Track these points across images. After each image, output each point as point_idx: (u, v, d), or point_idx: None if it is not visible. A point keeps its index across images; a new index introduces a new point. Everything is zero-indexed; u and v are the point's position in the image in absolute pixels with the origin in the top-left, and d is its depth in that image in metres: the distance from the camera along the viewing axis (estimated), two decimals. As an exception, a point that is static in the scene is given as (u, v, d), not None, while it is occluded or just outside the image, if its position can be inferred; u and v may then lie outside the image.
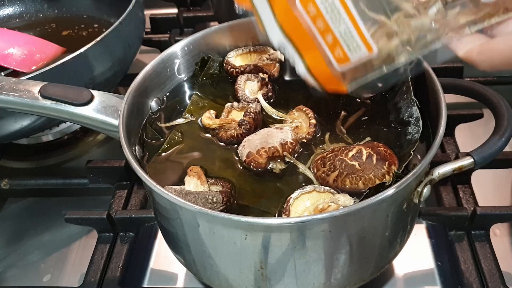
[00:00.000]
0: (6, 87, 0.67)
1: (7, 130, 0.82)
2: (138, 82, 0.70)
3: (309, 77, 0.63)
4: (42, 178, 0.88)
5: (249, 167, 0.63)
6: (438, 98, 0.62)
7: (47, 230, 0.85)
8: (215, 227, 0.55)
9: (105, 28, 0.88)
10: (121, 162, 0.84)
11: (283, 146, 0.63)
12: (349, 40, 0.57)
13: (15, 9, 1.18)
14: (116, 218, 0.77)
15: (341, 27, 0.56)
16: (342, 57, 0.58)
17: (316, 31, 0.58)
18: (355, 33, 0.56)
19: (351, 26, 0.56)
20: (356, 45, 0.57)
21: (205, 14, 1.21)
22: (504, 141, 0.58)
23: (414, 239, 0.75)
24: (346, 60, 0.58)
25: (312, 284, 0.59)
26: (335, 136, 0.67)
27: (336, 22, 0.56)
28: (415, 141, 0.61)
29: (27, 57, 0.97)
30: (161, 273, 0.76)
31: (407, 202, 0.58)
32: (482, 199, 0.78)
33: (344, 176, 0.59)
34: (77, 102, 0.66)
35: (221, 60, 0.79)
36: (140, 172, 0.57)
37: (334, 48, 0.58)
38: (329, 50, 0.59)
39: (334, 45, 0.58)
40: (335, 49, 0.58)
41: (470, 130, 0.89)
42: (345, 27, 0.56)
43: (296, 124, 0.68)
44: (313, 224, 0.53)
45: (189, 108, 0.73)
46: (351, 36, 0.56)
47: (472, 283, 0.68)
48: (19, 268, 0.79)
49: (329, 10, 0.56)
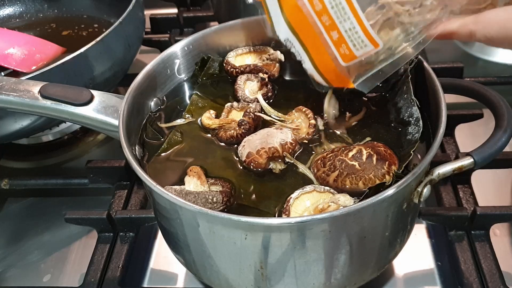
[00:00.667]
0: (6, 87, 0.67)
1: (7, 130, 0.82)
2: (138, 82, 0.70)
3: (316, 73, 0.63)
4: (42, 178, 0.88)
5: (249, 167, 0.63)
6: (438, 98, 0.62)
7: (47, 230, 0.85)
8: (215, 227, 0.55)
9: (105, 28, 0.88)
10: (121, 162, 0.84)
11: (283, 147, 0.63)
12: (354, 36, 0.57)
13: (15, 9, 1.18)
14: (116, 218, 0.77)
15: (346, 23, 0.56)
16: (347, 53, 0.59)
17: (322, 27, 0.58)
18: (360, 30, 0.56)
19: (356, 23, 0.56)
20: (362, 41, 0.57)
21: (205, 14, 1.21)
22: (504, 141, 0.58)
23: (414, 239, 0.75)
24: (352, 57, 0.58)
25: (312, 284, 0.59)
26: (335, 136, 0.67)
27: (341, 18, 0.57)
28: (415, 141, 0.61)
29: (27, 57, 0.97)
30: (161, 273, 0.76)
31: (407, 202, 0.58)
32: (482, 199, 0.77)
33: (344, 176, 0.59)
34: (77, 102, 0.66)
35: (221, 60, 0.79)
36: (140, 172, 0.57)
37: (340, 44, 0.59)
38: (334, 46, 0.59)
39: (339, 42, 0.58)
40: (340, 45, 0.59)
41: (470, 130, 0.89)
42: (350, 24, 0.56)
43: (295, 125, 0.68)
44: (313, 224, 0.53)
45: (189, 108, 0.73)
46: (356, 33, 0.57)
47: (472, 283, 0.68)
48: (19, 268, 0.79)
49: (334, 5, 0.56)
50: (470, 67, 1.02)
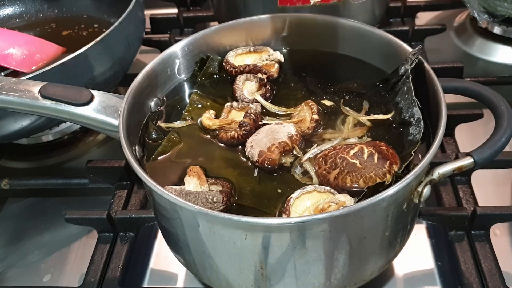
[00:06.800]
0: (6, 87, 0.67)
1: (7, 130, 0.82)
2: (138, 82, 0.70)
3: None
4: (42, 178, 0.88)
5: (263, 166, 0.63)
6: (438, 98, 0.62)
7: (47, 230, 0.84)
8: (215, 227, 0.55)
9: (105, 28, 0.88)
10: (121, 162, 0.84)
11: (291, 139, 0.64)
12: None
13: (15, 9, 1.18)
14: (116, 218, 0.77)
15: None
16: None
17: None
18: None
19: None
20: None
21: (205, 14, 1.21)
22: (504, 141, 0.58)
23: (414, 239, 0.75)
24: None
25: (312, 284, 0.59)
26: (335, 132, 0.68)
27: None
28: (416, 142, 0.61)
29: (27, 57, 0.97)
30: (161, 273, 0.76)
31: (407, 202, 0.58)
32: (482, 199, 0.77)
33: (345, 174, 0.59)
34: (77, 102, 0.66)
35: (220, 60, 0.79)
36: (140, 172, 0.57)
37: None
38: None
39: None
40: None
41: (470, 130, 0.89)
42: None
43: (300, 118, 0.68)
44: (313, 224, 0.53)
45: (188, 108, 0.73)
46: None
47: (472, 283, 0.68)
48: (19, 268, 0.79)
49: None
50: (470, 67, 1.02)
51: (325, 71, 0.78)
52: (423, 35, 1.09)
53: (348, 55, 0.79)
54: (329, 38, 0.79)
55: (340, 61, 0.80)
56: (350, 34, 0.78)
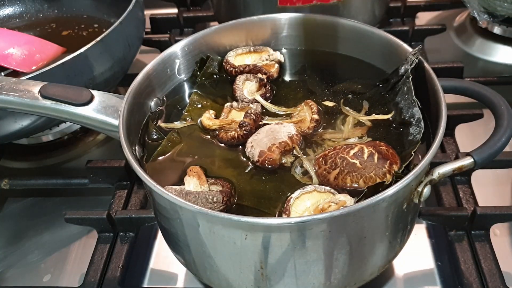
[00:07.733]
0: (6, 87, 0.67)
1: (7, 130, 0.82)
2: (138, 82, 0.70)
3: None
4: (42, 178, 0.88)
5: (264, 166, 0.63)
6: (438, 98, 0.62)
7: (47, 230, 0.84)
8: (215, 227, 0.55)
9: (105, 28, 0.88)
10: (121, 162, 0.84)
11: (291, 139, 0.64)
12: None
13: (15, 9, 1.18)
14: (116, 218, 0.77)
15: None
16: None
17: None
18: None
19: None
20: None
21: (205, 14, 1.21)
22: (504, 141, 0.58)
23: (414, 239, 0.75)
24: None
25: (312, 284, 0.59)
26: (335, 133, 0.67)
27: None
28: (417, 142, 0.61)
29: (27, 57, 0.97)
30: (161, 273, 0.76)
31: (407, 202, 0.58)
32: (482, 199, 0.77)
33: (345, 174, 0.59)
34: (77, 102, 0.66)
35: (220, 60, 0.79)
36: (140, 172, 0.57)
37: None
38: None
39: None
40: None
41: (470, 130, 0.89)
42: None
43: (300, 118, 0.68)
44: (313, 224, 0.53)
45: (188, 108, 0.73)
46: None
47: (472, 283, 0.68)
48: (19, 268, 0.79)
49: None
50: (470, 67, 1.02)
51: (325, 71, 0.78)
52: (423, 35, 1.09)
53: (348, 55, 0.79)
54: (329, 38, 0.79)
55: (340, 61, 0.80)
56: (350, 34, 0.78)
